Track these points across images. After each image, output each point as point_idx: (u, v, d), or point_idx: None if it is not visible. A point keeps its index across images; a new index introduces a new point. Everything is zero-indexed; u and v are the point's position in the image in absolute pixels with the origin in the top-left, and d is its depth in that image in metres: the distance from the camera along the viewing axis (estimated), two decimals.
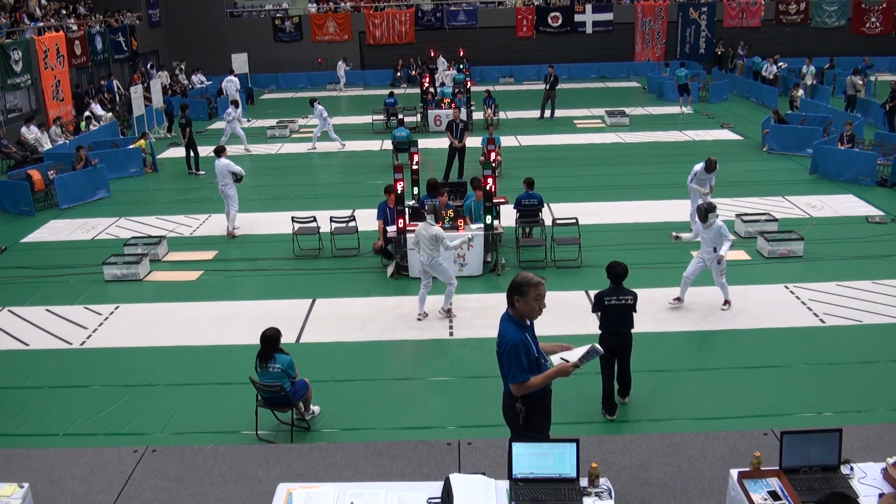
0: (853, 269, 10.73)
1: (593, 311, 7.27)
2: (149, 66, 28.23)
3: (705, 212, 9.23)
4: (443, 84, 25.23)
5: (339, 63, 30.90)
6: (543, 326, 8.79)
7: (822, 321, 9.21)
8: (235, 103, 20.23)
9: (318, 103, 19.90)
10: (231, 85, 24.93)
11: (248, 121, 23.41)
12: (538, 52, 31.91)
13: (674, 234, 9.89)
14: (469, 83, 23.96)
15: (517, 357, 4.79)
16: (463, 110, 18.93)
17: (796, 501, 4.55)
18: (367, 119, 22.92)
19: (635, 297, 7.13)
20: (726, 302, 9.61)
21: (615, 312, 7.07)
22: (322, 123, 19.77)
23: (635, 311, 7.16)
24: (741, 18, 32.06)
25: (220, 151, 13.00)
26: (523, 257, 11.36)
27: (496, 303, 9.94)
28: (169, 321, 9.78)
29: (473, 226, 10.83)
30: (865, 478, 4.78)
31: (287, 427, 7.09)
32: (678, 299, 9.72)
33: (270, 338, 6.93)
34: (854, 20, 31.76)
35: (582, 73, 32.13)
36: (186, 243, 12.82)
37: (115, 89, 25.50)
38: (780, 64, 27.15)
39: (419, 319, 9.54)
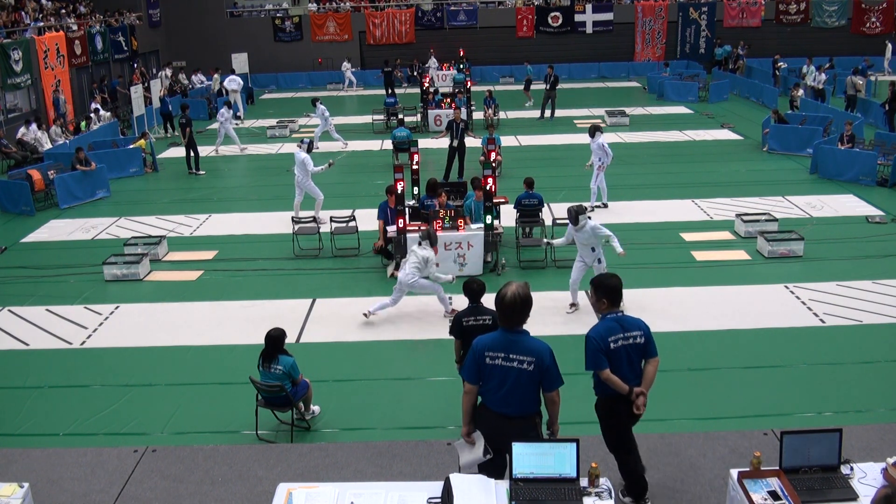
0: (853, 269, 10.73)
1: (450, 333, 6.63)
2: (154, 71, 28.21)
3: (575, 214, 9.01)
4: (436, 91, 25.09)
5: (345, 64, 30.62)
6: (545, 326, 8.87)
7: (822, 321, 9.20)
8: (228, 105, 20.19)
9: (321, 103, 19.89)
10: (234, 84, 24.91)
11: (239, 123, 23.31)
12: (538, 52, 31.86)
13: (545, 240, 9.73)
14: (469, 83, 23.95)
15: None
16: (463, 110, 18.91)
17: (796, 501, 4.55)
18: (367, 119, 22.92)
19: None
20: (572, 305, 9.59)
21: (473, 335, 5.82)
22: (323, 123, 19.73)
23: None
24: (741, 18, 32.05)
25: (311, 147, 14.03)
26: (523, 257, 11.36)
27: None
28: (169, 321, 9.78)
29: (473, 226, 10.83)
30: (865, 478, 4.78)
31: (287, 427, 7.09)
32: (573, 305, 9.62)
33: (275, 338, 6.92)
34: (854, 20, 31.74)
35: (582, 73, 32.12)
36: (186, 243, 12.82)
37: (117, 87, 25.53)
38: (781, 64, 27.16)
39: (365, 316, 9.46)
